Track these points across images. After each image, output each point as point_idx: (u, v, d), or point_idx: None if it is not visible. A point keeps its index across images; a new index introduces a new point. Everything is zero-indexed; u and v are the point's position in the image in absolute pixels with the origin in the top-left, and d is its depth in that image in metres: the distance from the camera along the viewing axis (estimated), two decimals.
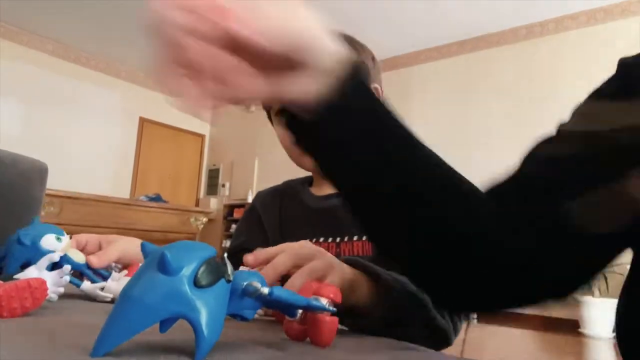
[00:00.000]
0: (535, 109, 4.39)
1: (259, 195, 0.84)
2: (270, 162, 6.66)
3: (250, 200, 6.53)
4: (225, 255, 0.27)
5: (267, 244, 0.63)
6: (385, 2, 4.40)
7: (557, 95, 4.18)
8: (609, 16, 4.20)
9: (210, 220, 5.85)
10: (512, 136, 4.49)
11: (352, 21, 4.75)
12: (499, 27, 4.75)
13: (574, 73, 4.16)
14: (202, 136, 7.52)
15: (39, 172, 1.11)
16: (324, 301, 0.30)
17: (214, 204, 7.07)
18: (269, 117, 0.79)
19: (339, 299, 0.31)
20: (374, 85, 0.76)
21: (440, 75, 5.15)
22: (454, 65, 5.12)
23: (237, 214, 6.41)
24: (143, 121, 6.69)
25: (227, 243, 6.36)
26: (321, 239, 0.71)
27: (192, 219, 3.68)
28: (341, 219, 0.70)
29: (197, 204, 7.14)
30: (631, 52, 0.41)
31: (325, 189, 0.76)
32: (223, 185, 7.13)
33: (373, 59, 0.78)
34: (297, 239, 0.73)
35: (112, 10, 4.86)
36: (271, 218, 0.78)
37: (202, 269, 0.25)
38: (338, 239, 0.70)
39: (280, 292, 0.28)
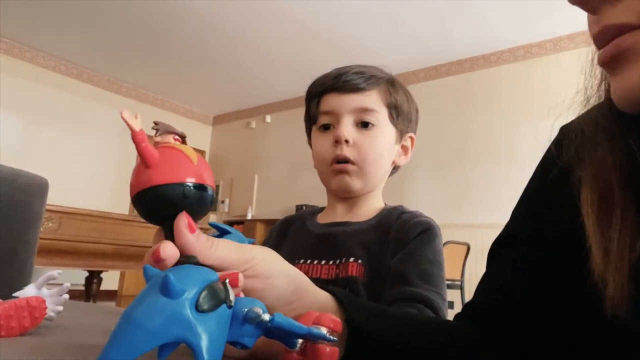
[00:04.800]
0: (533, 127, 4.42)
1: (276, 223, 0.91)
2: (269, 179, 6.66)
3: (249, 217, 6.52)
4: (227, 280, 0.27)
5: None
6: (385, 22, 4.46)
7: (553, 114, 4.19)
8: None
9: None
10: (511, 154, 4.51)
11: (352, 40, 4.81)
12: (497, 46, 4.80)
13: (570, 93, 4.18)
14: (202, 152, 7.53)
15: (40, 187, 1.11)
16: (324, 330, 0.29)
17: (213, 220, 7.05)
18: (308, 132, 0.85)
19: (339, 329, 0.31)
20: (409, 135, 0.83)
21: (440, 94, 5.19)
22: (453, 84, 5.16)
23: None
24: None
25: None
26: (322, 262, 0.75)
27: None
28: (340, 244, 0.75)
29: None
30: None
31: (333, 217, 0.81)
32: (222, 202, 7.12)
33: (417, 111, 0.85)
34: (297, 260, 0.77)
35: (115, 27, 4.92)
36: (273, 242, 0.84)
37: (204, 293, 0.24)
38: (338, 261, 0.74)
39: (281, 319, 0.27)
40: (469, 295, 3.93)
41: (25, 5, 4.52)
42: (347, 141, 0.74)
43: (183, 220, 0.30)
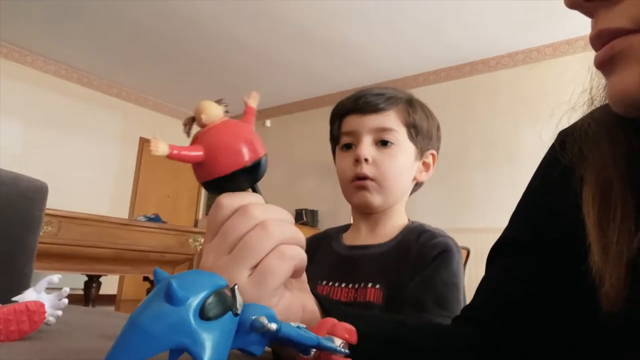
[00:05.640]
0: (532, 131, 4.42)
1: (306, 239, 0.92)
2: (269, 184, 6.66)
3: None
4: (236, 286, 0.27)
5: None
6: (384, 26, 4.47)
7: (553, 119, 4.21)
8: None
9: None
10: (511, 158, 4.51)
11: (351, 45, 4.82)
12: (496, 51, 4.82)
13: (570, 97, 4.19)
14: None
15: (39, 191, 1.11)
16: (337, 342, 0.29)
17: None
18: (333, 152, 0.89)
19: (354, 339, 0.30)
20: (430, 152, 0.87)
21: (439, 98, 5.20)
22: (452, 88, 5.17)
23: None
24: (143, 141, 6.72)
25: None
26: (342, 285, 0.77)
27: (190, 240, 3.66)
28: (361, 268, 0.78)
29: (196, 225, 7.10)
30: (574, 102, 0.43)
31: (357, 238, 0.84)
32: None
33: (438, 128, 0.89)
34: (320, 280, 0.80)
35: (115, 32, 4.93)
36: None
37: (209, 300, 0.24)
38: (357, 285, 0.76)
39: (288, 329, 0.27)
40: (469, 300, 3.92)
41: (26, 9, 4.54)
42: (366, 160, 0.78)
43: None
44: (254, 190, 0.37)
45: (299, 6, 4.23)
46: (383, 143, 0.80)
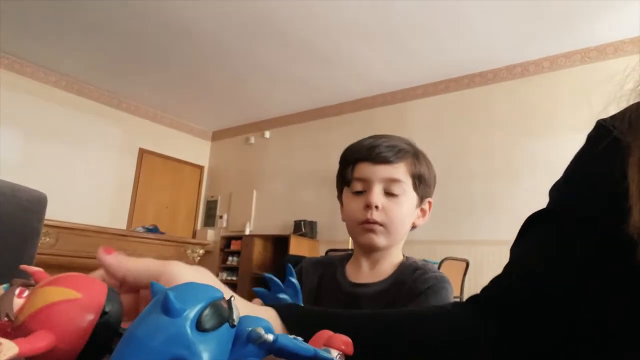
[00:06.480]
0: (530, 143, 4.44)
1: (306, 261, 1.01)
2: (268, 195, 6.65)
3: (247, 232, 6.50)
4: (232, 298, 0.27)
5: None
6: (384, 39, 4.51)
7: (551, 131, 4.24)
8: (602, 55, 4.30)
9: (207, 252, 5.78)
10: (508, 169, 4.52)
11: (351, 57, 4.85)
12: (494, 64, 4.85)
13: (568, 110, 4.22)
14: (201, 167, 7.54)
15: (38, 202, 1.11)
16: (334, 353, 0.29)
17: (211, 235, 7.02)
18: (339, 190, 0.95)
19: (350, 351, 0.30)
20: (428, 200, 0.95)
21: (437, 110, 5.23)
22: (450, 100, 5.20)
23: (235, 245, 6.35)
24: (142, 152, 6.73)
25: (223, 275, 6.27)
26: None
27: (188, 251, 3.65)
28: (363, 305, 0.86)
29: (194, 236, 7.09)
30: (623, 90, 0.43)
31: (359, 274, 0.91)
32: (221, 217, 7.10)
33: (435, 177, 0.98)
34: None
35: (115, 43, 4.96)
36: (310, 282, 0.94)
37: (206, 311, 0.24)
38: None
39: (285, 340, 0.27)
40: None
41: (27, 21, 4.57)
42: (377, 207, 0.86)
43: (100, 251, 0.36)
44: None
45: (298, 18, 4.27)
46: (392, 192, 0.88)
